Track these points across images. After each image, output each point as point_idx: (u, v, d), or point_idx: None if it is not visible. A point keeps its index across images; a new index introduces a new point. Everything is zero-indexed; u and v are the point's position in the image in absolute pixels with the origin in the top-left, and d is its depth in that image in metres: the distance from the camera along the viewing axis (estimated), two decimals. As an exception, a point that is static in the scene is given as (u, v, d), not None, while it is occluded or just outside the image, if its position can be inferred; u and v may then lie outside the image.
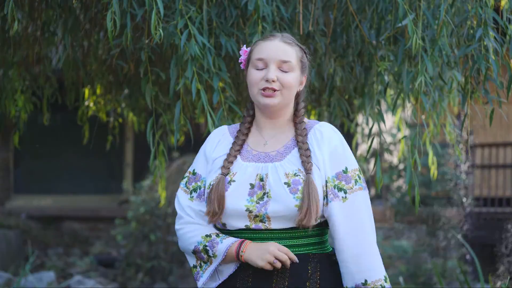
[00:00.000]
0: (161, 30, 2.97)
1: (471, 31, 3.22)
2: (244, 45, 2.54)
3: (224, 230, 2.39)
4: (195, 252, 2.38)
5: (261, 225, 2.31)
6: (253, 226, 2.32)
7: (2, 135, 9.58)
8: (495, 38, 3.19)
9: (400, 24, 3.18)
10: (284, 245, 2.31)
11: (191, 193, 2.43)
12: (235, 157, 2.38)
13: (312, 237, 2.37)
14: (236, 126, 2.50)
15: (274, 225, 2.31)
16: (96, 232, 9.62)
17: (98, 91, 4.62)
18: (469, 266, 8.28)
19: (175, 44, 3.24)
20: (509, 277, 5.25)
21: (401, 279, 6.94)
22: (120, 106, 4.84)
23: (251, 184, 2.32)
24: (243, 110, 2.56)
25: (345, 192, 2.33)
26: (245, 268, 2.33)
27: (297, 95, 2.45)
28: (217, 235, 2.35)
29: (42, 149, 10.07)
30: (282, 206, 2.29)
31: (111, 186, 10.09)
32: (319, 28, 3.65)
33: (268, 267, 2.27)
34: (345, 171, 2.35)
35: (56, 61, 4.26)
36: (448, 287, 7.65)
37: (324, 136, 2.38)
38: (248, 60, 2.44)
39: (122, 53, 3.65)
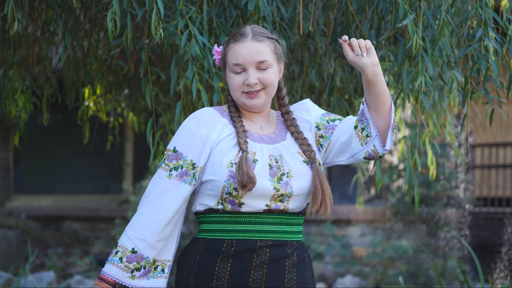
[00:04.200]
0: (161, 30, 2.97)
1: (471, 31, 3.22)
2: (216, 45, 2.52)
3: (236, 214, 2.31)
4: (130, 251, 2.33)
5: (280, 205, 2.32)
6: (273, 206, 2.31)
7: (2, 135, 9.58)
8: (495, 38, 3.19)
9: (400, 24, 3.18)
10: (290, 231, 2.35)
11: (170, 170, 2.34)
12: (246, 136, 2.35)
13: (301, 225, 2.42)
14: (220, 108, 2.46)
15: (292, 204, 2.33)
16: (96, 232, 9.61)
17: (98, 91, 4.62)
18: (469, 266, 8.29)
19: (176, 44, 3.24)
20: (509, 277, 5.25)
21: (401, 279, 6.94)
22: (120, 106, 4.84)
23: (269, 165, 2.32)
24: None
25: (340, 120, 2.46)
26: (260, 255, 2.31)
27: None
28: (139, 264, 2.30)
29: (42, 149, 10.07)
30: (305, 183, 2.33)
31: (111, 186, 10.09)
32: (319, 28, 3.65)
33: None
34: (327, 112, 2.50)
35: (56, 61, 4.26)
36: (448, 287, 7.65)
37: (297, 105, 2.52)
38: (223, 61, 2.43)
39: (122, 53, 3.65)
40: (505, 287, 4.42)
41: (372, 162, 3.46)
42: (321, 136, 2.44)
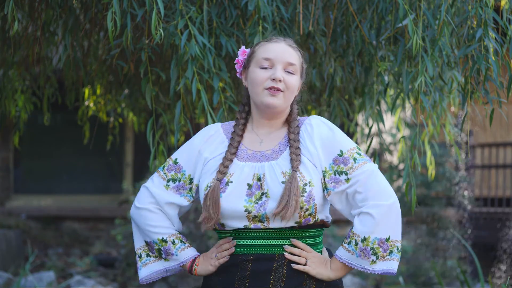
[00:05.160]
0: (161, 30, 2.97)
1: (471, 31, 3.22)
2: (243, 46, 2.54)
3: (222, 231, 2.40)
4: (148, 243, 2.47)
5: (260, 225, 2.33)
6: (252, 226, 2.33)
7: (2, 135, 9.58)
8: (495, 38, 3.19)
9: (400, 24, 3.18)
10: (279, 244, 2.34)
11: (168, 181, 2.45)
12: (231, 160, 2.38)
13: (309, 238, 2.39)
14: (230, 124, 2.50)
15: (273, 224, 2.32)
16: (96, 232, 9.61)
17: (98, 91, 4.62)
18: (469, 266, 8.29)
19: (176, 44, 3.24)
20: (509, 277, 5.25)
21: (401, 279, 6.94)
22: (120, 106, 4.85)
23: (248, 185, 2.33)
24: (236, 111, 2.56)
25: (346, 174, 2.33)
26: (243, 269, 2.34)
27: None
28: (173, 243, 2.44)
29: (42, 149, 10.07)
30: None
31: (111, 186, 10.08)
32: (319, 28, 3.65)
33: (222, 261, 2.37)
34: (341, 154, 2.35)
35: (56, 61, 4.26)
36: (448, 287, 7.65)
37: (314, 128, 2.40)
38: (248, 60, 2.45)
39: (122, 53, 3.65)
40: (505, 287, 4.42)
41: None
42: (325, 186, 2.37)
